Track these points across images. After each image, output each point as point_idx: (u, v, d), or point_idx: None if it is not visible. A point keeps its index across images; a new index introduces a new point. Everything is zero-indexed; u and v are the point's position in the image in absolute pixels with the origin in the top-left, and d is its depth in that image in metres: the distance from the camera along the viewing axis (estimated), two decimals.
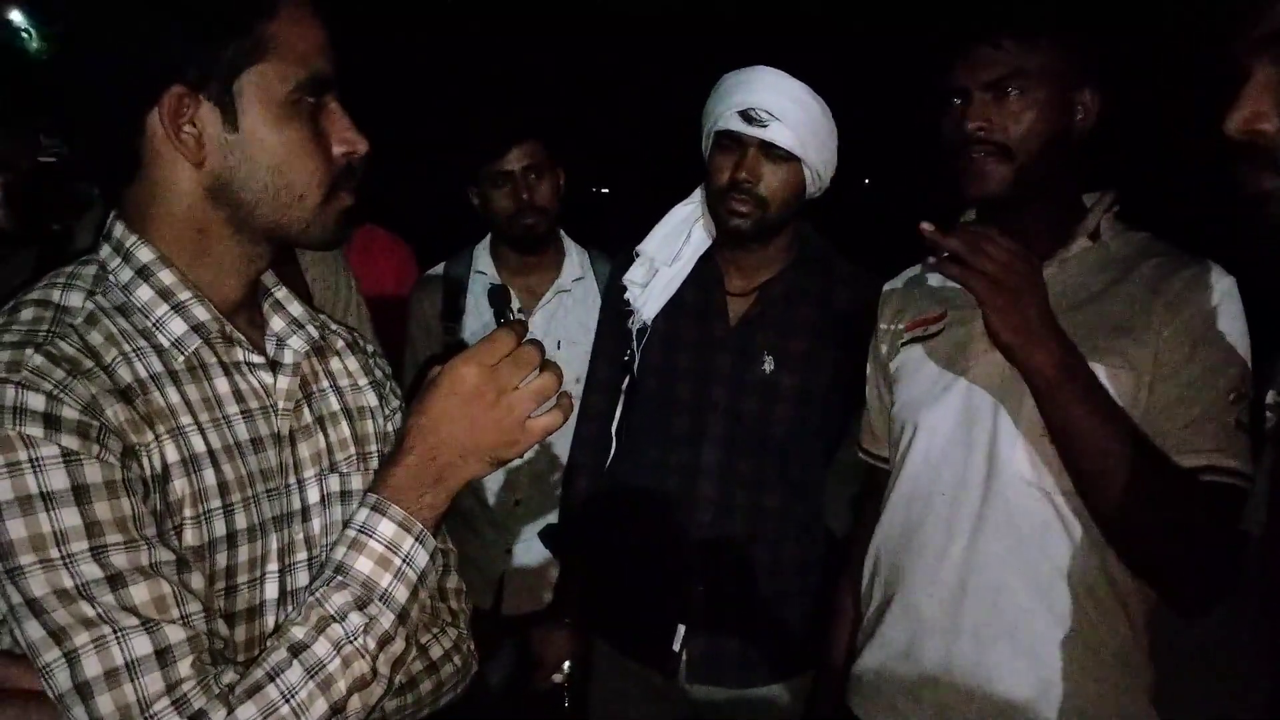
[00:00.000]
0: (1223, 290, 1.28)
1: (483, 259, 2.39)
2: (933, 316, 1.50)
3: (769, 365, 1.76)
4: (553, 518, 2.22)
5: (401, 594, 0.94)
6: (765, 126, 1.69)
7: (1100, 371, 1.26)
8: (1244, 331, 1.27)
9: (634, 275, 1.89)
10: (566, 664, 1.92)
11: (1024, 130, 1.33)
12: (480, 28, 7.79)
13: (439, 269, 2.44)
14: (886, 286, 1.65)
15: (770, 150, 1.71)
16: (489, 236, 2.42)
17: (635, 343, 1.87)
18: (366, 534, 0.94)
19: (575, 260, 2.39)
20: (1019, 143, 1.34)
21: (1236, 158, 0.91)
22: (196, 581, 0.89)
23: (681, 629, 1.78)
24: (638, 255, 1.90)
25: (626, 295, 1.90)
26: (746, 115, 1.70)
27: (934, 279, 1.54)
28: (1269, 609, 0.97)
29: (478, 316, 2.32)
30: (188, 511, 0.91)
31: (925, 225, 1.19)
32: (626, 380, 1.91)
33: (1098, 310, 1.33)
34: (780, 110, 1.68)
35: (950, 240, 1.18)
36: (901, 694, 1.44)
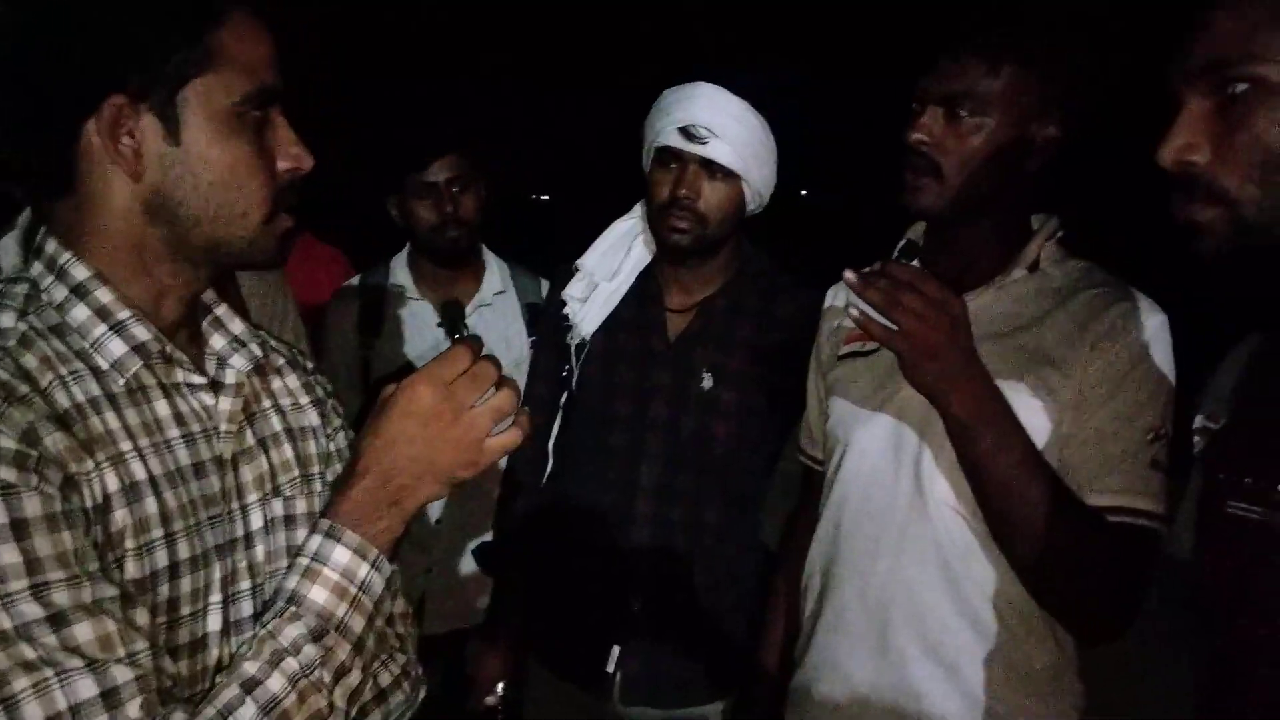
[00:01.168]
0: (1152, 329, 1.29)
1: (400, 272, 2.34)
2: None
3: (708, 381, 1.76)
4: (477, 535, 2.19)
5: (358, 623, 0.92)
6: (705, 143, 1.69)
7: (1021, 402, 1.27)
8: (1170, 370, 1.29)
9: (573, 290, 1.88)
10: (500, 685, 1.90)
11: (964, 154, 1.31)
12: (408, 38, 7.69)
13: (355, 281, 2.39)
14: (830, 294, 1.65)
15: (710, 167, 1.71)
16: (407, 249, 2.37)
17: (574, 358, 1.86)
18: (320, 562, 0.91)
19: (496, 273, 2.37)
20: (955, 167, 1.32)
21: (1171, 187, 0.94)
22: (141, 617, 0.85)
23: (616, 650, 1.77)
24: (577, 270, 1.89)
25: (566, 310, 1.89)
26: (686, 132, 1.70)
27: None
28: (1200, 630, 1.01)
29: (395, 330, 2.28)
30: (129, 543, 0.87)
31: (848, 274, 1.18)
32: (565, 396, 1.89)
33: (1028, 339, 1.34)
34: (720, 127, 1.69)
35: (870, 293, 1.15)
36: (830, 709, 1.45)
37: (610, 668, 1.76)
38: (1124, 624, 1.27)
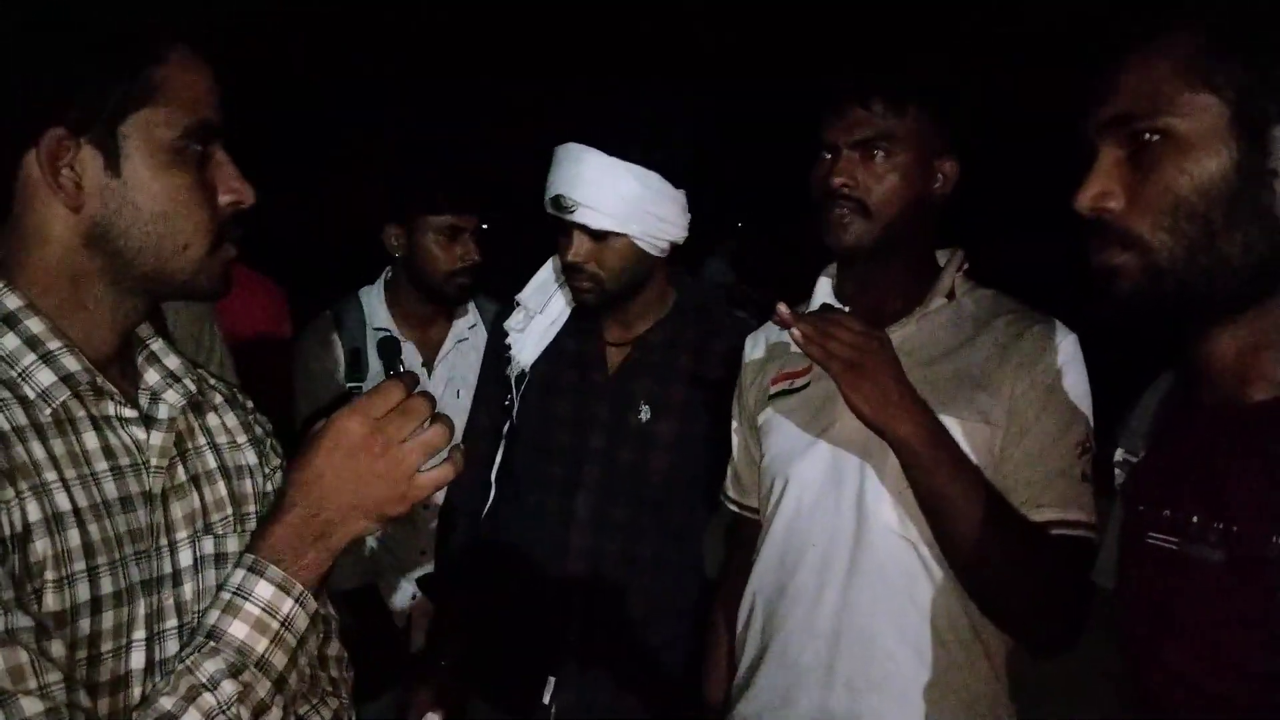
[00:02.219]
0: (1068, 348, 1.38)
1: (379, 309, 2.30)
2: (799, 371, 1.54)
3: (645, 414, 1.78)
4: (420, 565, 2.18)
5: (279, 660, 0.91)
6: (573, 212, 1.68)
7: (956, 425, 1.33)
8: (1087, 388, 1.38)
9: (512, 322, 1.90)
10: (435, 717, 1.87)
11: (885, 191, 1.42)
12: (406, 37, 7.66)
13: (328, 317, 2.31)
14: (750, 339, 1.69)
15: (589, 230, 1.70)
16: (381, 284, 2.34)
17: (514, 389, 1.88)
18: (242, 596, 0.90)
19: (469, 307, 2.38)
20: (880, 202, 1.42)
21: (1086, 232, 0.98)
22: (57, 649, 0.83)
23: (551, 681, 1.76)
24: (518, 303, 1.91)
25: (507, 340, 1.91)
26: (557, 202, 1.70)
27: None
28: (1125, 653, 1.03)
29: (380, 371, 2.25)
30: (49, 574, 0.85)
31: (779, 310, 1.25)
32: (507, 425, 1.90)
33: (954, 365, 1.41)
34: (585, 196, 1.67)
35: (799, 324, 1.23)
36: None
37: (546, 699, 1.75)
38: (1076, 632, 1.31)
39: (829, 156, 1.45)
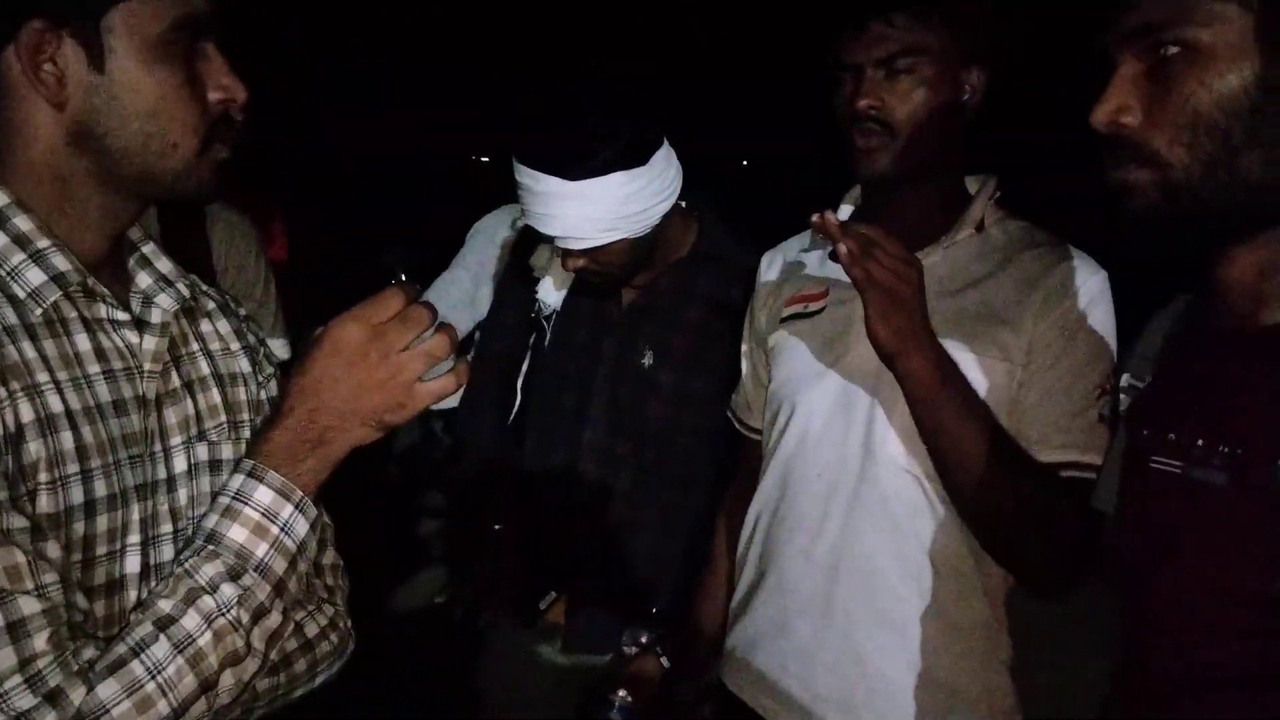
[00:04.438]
0: (1095, 287, 1.34)
1: None
2: (814, 294, 1.50)
3: (648, 359, 1.75)
4: None
5: (279, 565, 0.90)
6: (552, 241, 1.65)
7: (974, 360, 1.31)
8: (1113, 328, 1.33)
9: (537, 260, 1.87)
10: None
11: (913, 109, 1.35)
12: (404, 28, 7.61)
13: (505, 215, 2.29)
14: (766, 258, 1.65)
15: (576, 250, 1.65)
16: None
17: (544, 322, 1.86)
18: (241, 501, 0.90)
19: None
20: (906, 122, 1.35)
21: (1103, 148, 0.96)
22: (53, 551, 0.83)
23: (551, 595, 1.79)
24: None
25: (535, 274, 1.88)
26: (532, 228, 1.65)
27: (815, 255, 1.55)
28: (1120, 583, 1.03)
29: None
30: (43, 476, 0.84)
31: (817, 217, 1.19)
32: (534, 337, 1.89)
33: (977, 298, 1.37)
34: (558, 228, 1.60)
35: (846, 240, 1.17)
36: (773, 669, 1.46)
37: (543, 606, 1.79)
38: (1077, 576, 1.30)
39: (847, 77, 1.38)
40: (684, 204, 1.76)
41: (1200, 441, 0.93)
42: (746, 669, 1.51)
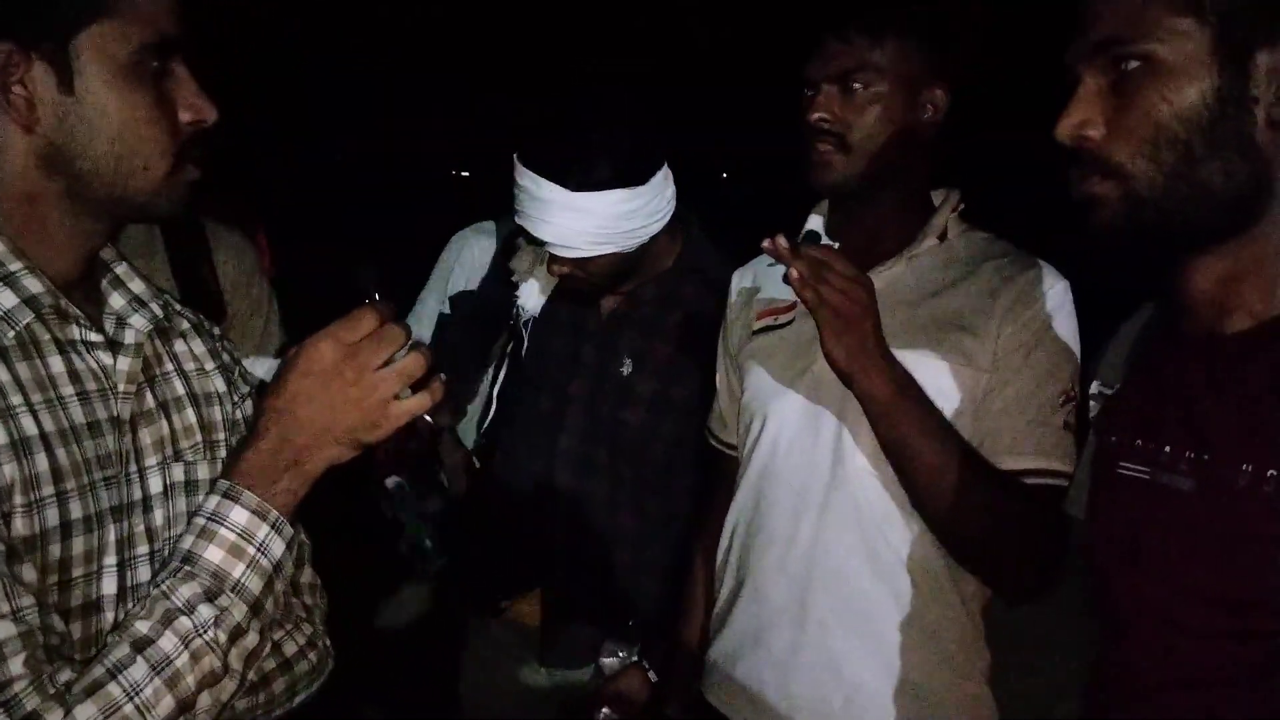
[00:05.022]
0: (1057, 294, 1.36)
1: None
2: (783, 307, 1.52)
3: (627, 368, 1.76)
4: None
5: (255, 585, 0.90)
6: (545, 246, 1.66)
7: (942, 367, 1.33)
8: (1075, 335, 1.36)
9: (518, 264, 1.85)
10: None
11: (867, 124, 1.38)
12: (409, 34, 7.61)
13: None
14: (737, 275, 1.66)
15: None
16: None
17: (523, 328, 1.86)
18: (217, 521, 0.90)
19: None
20: (861, 137, 1.38)
21: (1068, 162, 0.97)
22: (28, 574, 0.82)
23: (533, 592, 1.80)
24: (517, 245, 1.87)
25: (515, 279, 1.87)
26: (527, 232, 1.67)
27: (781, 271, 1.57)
28: (1091, 587, 1.05)
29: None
30: (18, 499, 0.84)
31: (767, 242, 1.20)
32: (510, 345, 1.89)
33: (942, 306, 1.39)
34: (552, 235, 1.61)
35: (796, 263, 1.19)
36: (751, 680, 1.46)
37: (504, 604, 1.80)
38: (1048, 581, 1.32)
39: (809, 94, 1.42)
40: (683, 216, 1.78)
41: (1167, 448, 0.95)
42: (726, 681, 1.51)
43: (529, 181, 1.60)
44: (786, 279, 1.20)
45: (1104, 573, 1.02)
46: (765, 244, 1.21)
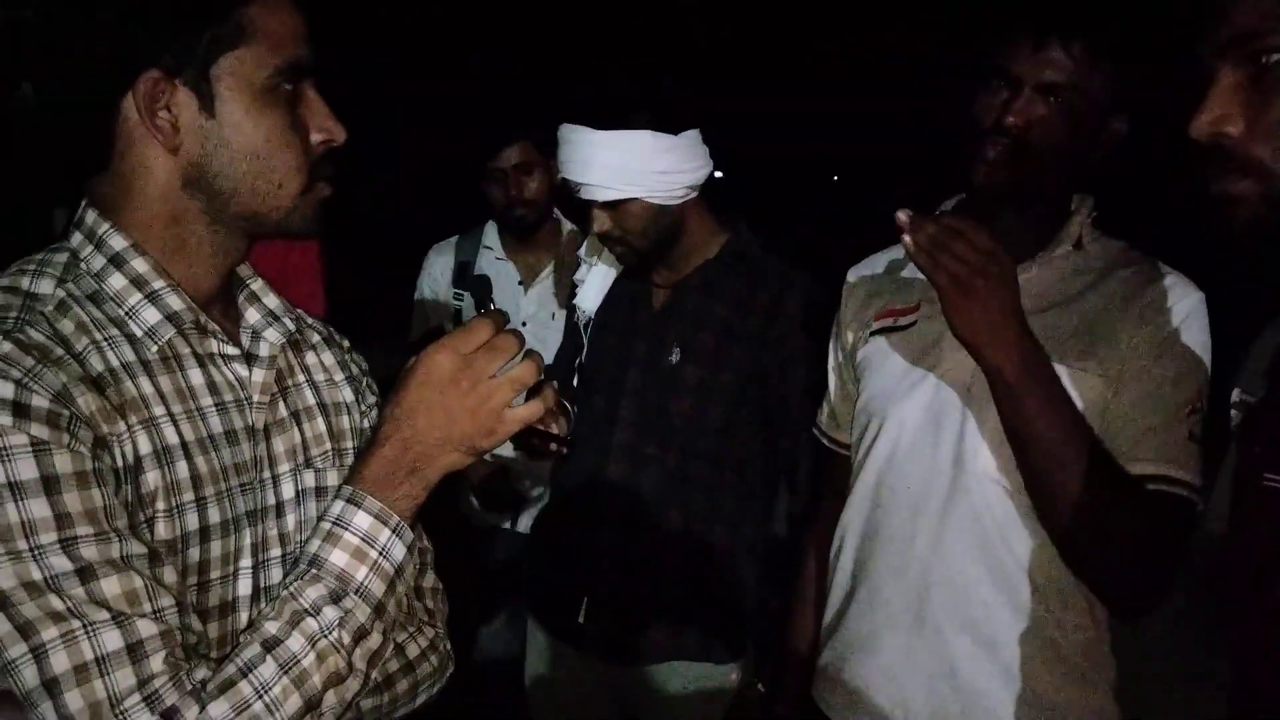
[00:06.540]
0: (1191, 305, 1.32)
1: (490, 235, 2.78)
2: (905, 308, 1.50)
3: (675, 356, 1.81)
4: None
5: (378, 587, 0.94)
6: (580, 191, 1.74)
7: (1067, 374, 1.29)
8: (1207, 346, 1.31)
9: (578, 274, 2.01)
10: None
11: (1054, 139, 1.32)
12: (413, 37, 7.80)
13: (453, 240, 2.82)
14: (854, 272, 1.65)
15: (601, 203, 1.74)
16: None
17: (582, 330, 1.99)
18: (341, 526, 0.93)
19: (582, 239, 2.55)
20: (1043, 149, 1.32)
21: (1203, 161, 0.93)
22: (169, 576, 0.87)
23: (586, 601, 1.83)
24: (578, 259, 2.02)
25: (575, 288, 2.01)
26: (566, 184, 1.79)
27: (909, 269, 1.53)
28: (1228, 603, 0.99)
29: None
30: (160, 504, 0.89)
31: (901, 213, 1.20)
32: (577, 361, 1.99)
33: (1072, 313, 1.35)
34: (584, 175, 1.71)
35: (920, 233, 1.18)
36: (864, 685, 1.45)
37: (580, 619, 1.83)
38: (1158, 595, 1.27)
39: (1001, 86, 1.34)
40: (719, 212, 1.88)
41: None
42: (838, 685, 1.50)
43: (569, 133, 1.73)
44: (909, 254, 1.21)
45: (1240, 586, 0.96)
46: (899, 213, 1.21)
